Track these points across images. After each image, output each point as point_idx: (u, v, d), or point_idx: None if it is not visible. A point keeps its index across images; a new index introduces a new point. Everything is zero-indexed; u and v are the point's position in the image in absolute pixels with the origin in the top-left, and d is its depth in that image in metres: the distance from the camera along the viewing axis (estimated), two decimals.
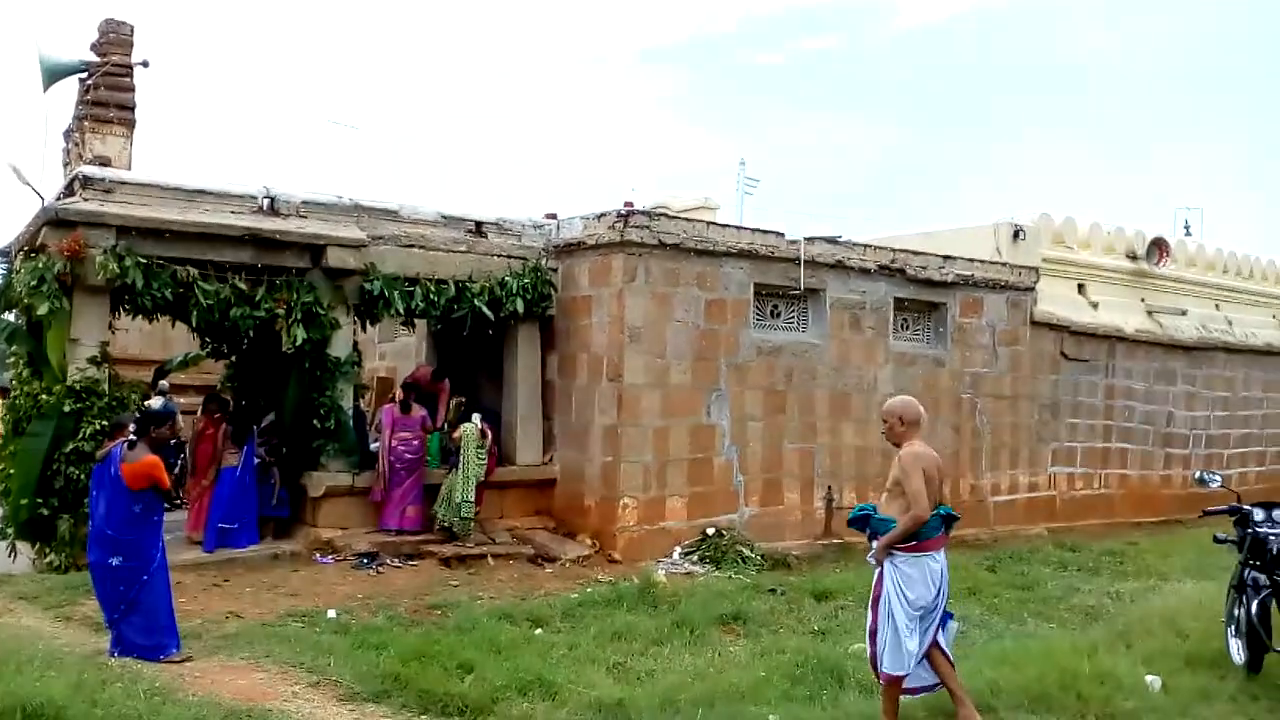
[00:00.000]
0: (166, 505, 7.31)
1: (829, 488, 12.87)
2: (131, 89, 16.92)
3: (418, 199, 11.94)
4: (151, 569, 6.96)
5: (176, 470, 10.81)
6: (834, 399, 13.02)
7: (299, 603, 8.85)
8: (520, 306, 11.75)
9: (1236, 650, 7.09)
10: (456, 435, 11.25)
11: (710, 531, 11.66)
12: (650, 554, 11.21)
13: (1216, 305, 18.77)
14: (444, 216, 11.88)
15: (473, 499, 11.11)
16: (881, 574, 5.59)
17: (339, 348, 10.99)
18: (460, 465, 11.13)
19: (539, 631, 8.22)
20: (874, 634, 5.57)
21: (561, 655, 7.48)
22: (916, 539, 5.48)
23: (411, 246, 11.48)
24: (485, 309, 11.57)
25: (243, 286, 10.33)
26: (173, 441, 8.13)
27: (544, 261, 12.18)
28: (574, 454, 11.87)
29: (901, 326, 13.91)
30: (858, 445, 13.17)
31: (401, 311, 11.41)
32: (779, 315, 12.84)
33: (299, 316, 10.52)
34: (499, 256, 11.97)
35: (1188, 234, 24.67)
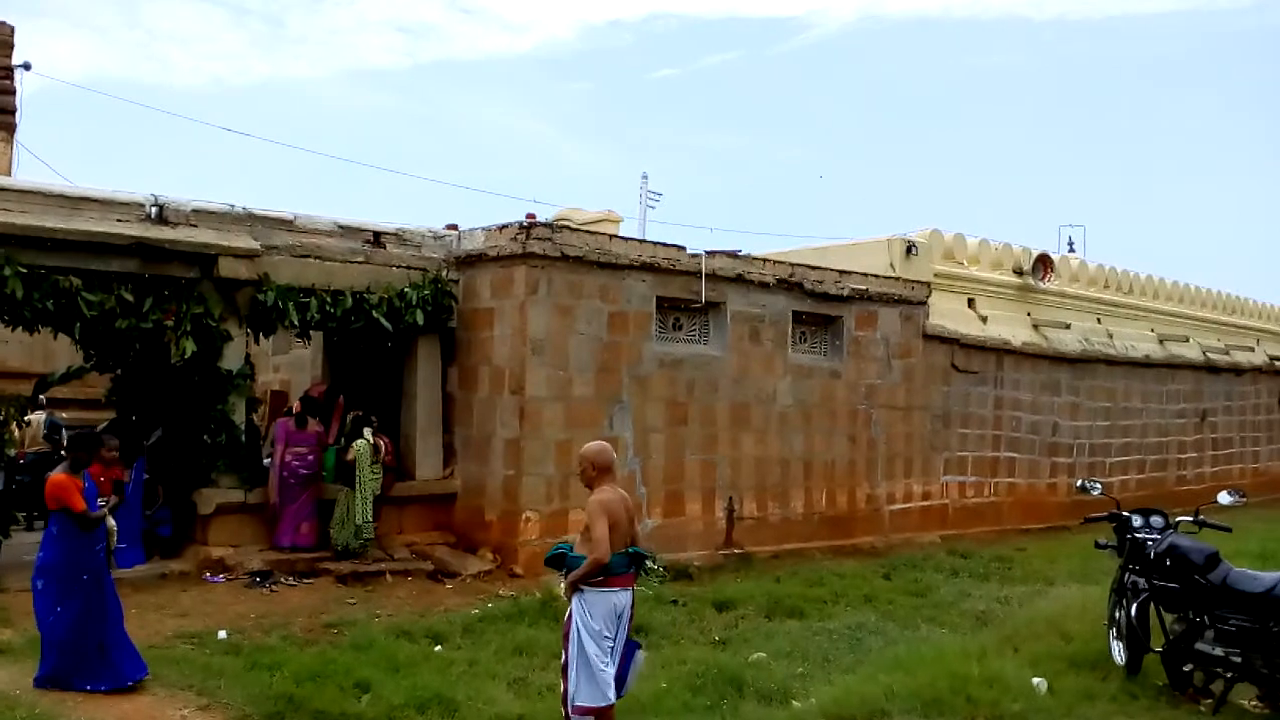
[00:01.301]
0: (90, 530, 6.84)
1: (730, 498, 13.01)
2: (12, 92, 16.27)
3: (314, 208, 11.74)
4: (68, 597, 6.65)
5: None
6: (735, 410, 13.17)
7: (188, 623, 8.56)
8: (420, 318, 11.60)
9: (1118, 651, 7.38)
10: (350, 456, 11.02)
11: None
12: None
13: (1098, 319, 19.55)
14: (341, 226, 11.68)
15: (372, 517, 10.91)
16: (571, 609, 5.71)
17: (230, 360, 10.69)
18: (356, 483, 10.91)
19: (438, 648, 8.12)
20: (566, 668, 5.65)
21: (461, 672, 7.41)
22: (604, 575, 5.62)
23: (307, 257, 11.23)
24: (384, 321, 11.39)
25: (129, 297, 9.99)
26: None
27: (445, 273, 12.06)
28: (475, 468, 11.76)
29: (800, 339, 14.16)
30: (758, 456, 13.36)
31: (296, 323, 11.16)
32: (681, 328, 12.94)
33: (188, 328, 10.21)
34: (398, 268, 11.81)
35: (1071, 251, 25.74)
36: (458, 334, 12.11)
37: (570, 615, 5.67)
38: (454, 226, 12.48)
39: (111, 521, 7.01)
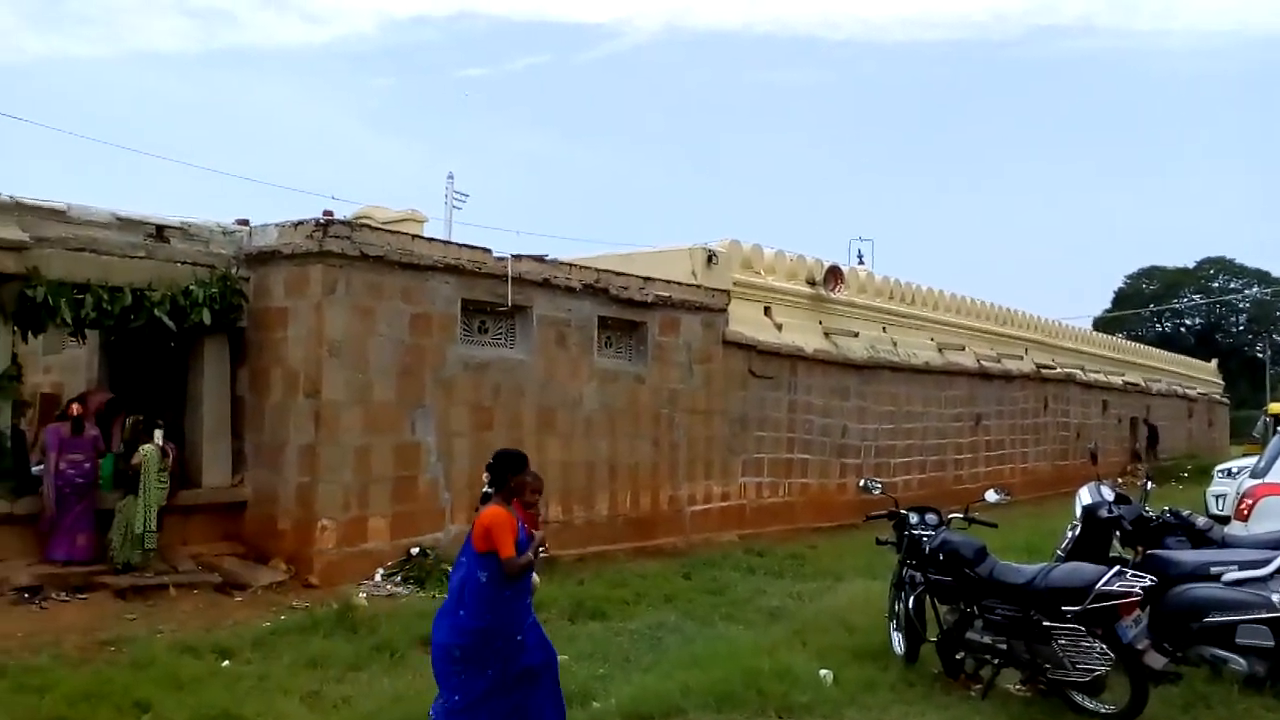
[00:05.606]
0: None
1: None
2: None
3: (91, 199, 10.98)
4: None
5: None
6: (541, 414, 13.18)
7: None
8: (207, 317, 11.04)
9: (897, 642, 7.82)
10: (136, 461, 10.38)
11: (415, 551, 11.44)
12: (350, 577, 10.85)
13: (884, 328, 20.66)
14: (120, 219, 10.96)
15: (155, 527, 10.30)
16: None
17: None
18: (140, 491, 10.29)
19: (226, 663, 7.76)
20: None
21: (250, 687, 7.10)
22: None
23: (82, 250, 10.50)
24: (167, 320, 10.77)
25: None
26: None
27: (235, 270, 11.53)
28: (267, 475, 11.28)
29: (605, 344, 14.32)
30: (564, 460, 13.40)
31: (70, 321, 10.41)
32: (486, 331, 12.84)
33: None
34: (184, 264, 11.21)
35: (861, 263, 27.07)
36: (248, 334, 11.60)
37: None
38: (245, 222, 11.94)
39: (535, 577, 5.50)
